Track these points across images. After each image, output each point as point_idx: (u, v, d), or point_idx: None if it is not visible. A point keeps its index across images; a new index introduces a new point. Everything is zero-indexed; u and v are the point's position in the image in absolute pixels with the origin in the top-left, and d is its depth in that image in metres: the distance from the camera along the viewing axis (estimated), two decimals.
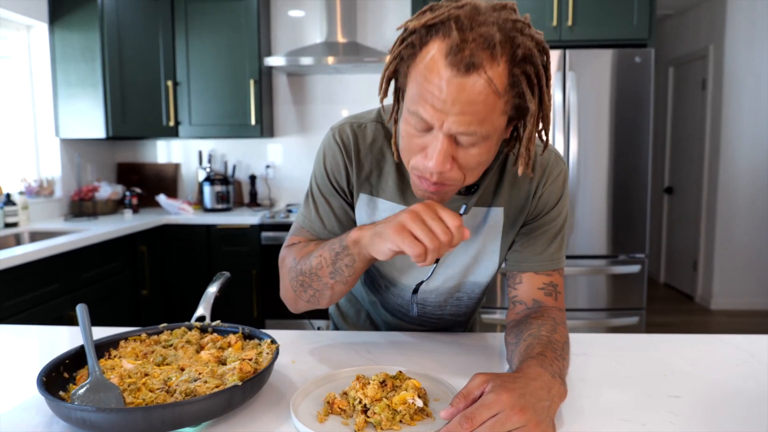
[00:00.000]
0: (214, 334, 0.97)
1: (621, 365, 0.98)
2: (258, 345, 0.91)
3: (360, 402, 0.76)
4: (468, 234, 0.79)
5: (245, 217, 3.45)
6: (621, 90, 3.14)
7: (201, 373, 0.80)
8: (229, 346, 0.92)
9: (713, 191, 4.64)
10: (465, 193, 0.97)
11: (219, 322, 1.00)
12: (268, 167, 4.06)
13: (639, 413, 0.79)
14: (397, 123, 0.89)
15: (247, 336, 0.96)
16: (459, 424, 0.66)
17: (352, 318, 1.27)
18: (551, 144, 0.96)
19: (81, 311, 0.90)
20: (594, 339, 1.12)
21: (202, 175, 3.88)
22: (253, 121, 3.65)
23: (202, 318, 1.02)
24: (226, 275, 1.12)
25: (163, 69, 3.62)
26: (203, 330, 0.99)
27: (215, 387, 0.76)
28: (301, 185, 4.05)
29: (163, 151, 4.14)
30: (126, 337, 0.95)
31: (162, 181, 4.09)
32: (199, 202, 3.85)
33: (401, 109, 0.85)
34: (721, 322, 4.35)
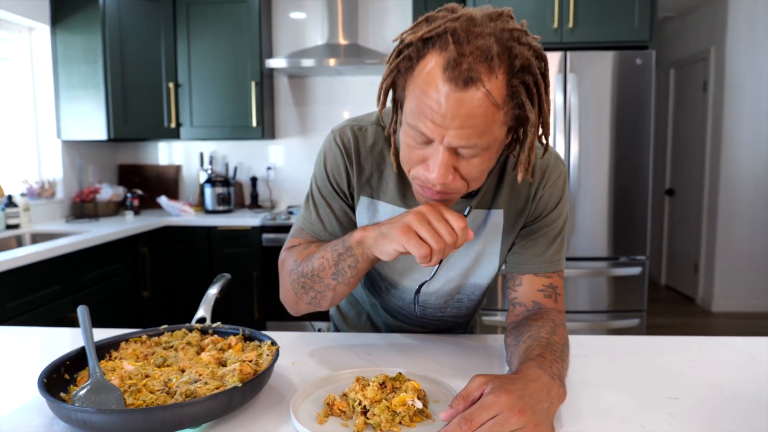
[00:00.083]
0: (214, 335, 0.97)
1: (620, 367, 0.98)
2: (258, 347, 0.92)
3: (360, 403, 0.76)
4: (472, 235, 0.79)
5: (246, 219, 3.45)
6: (622, 92, 3.14)
7: (201, 375, 0.81)
8: (230, 347, 0.93)
9: (714, 193, 4.64)
10: (466, 196, 0.97)
11: (219, 323, 1.00)
12: (269, 169, 4.07)
13: (638, 415, 0.79)
14: (396, 133, 0.90)
15: (248, 338, 0.96)
16: (458, 425, 0.66)
17: (352, 319, 1.27)
18: (551, 146, 0.96)
19: (82, 312, 0.90)
20: (594, 341, 1.12)
21: (203, 177, 3.89)
22: (255, 123, 3.66)
23: (202, 320, 1.03)
24: (226, 277, 1.13)
25: (165, 71, 3.63)
26: (204, 331, 0.99)
27: (215, 388, 0.76)
28: (302, 187, 4.06)
29: (165, 153, 4.15)
30: (127, 339, 0.95)
31: (163, 183, 4.10)
32: (201, 203, 3.86)
33: (400, 120, 0.85)
34: (722, 324, 4.35)
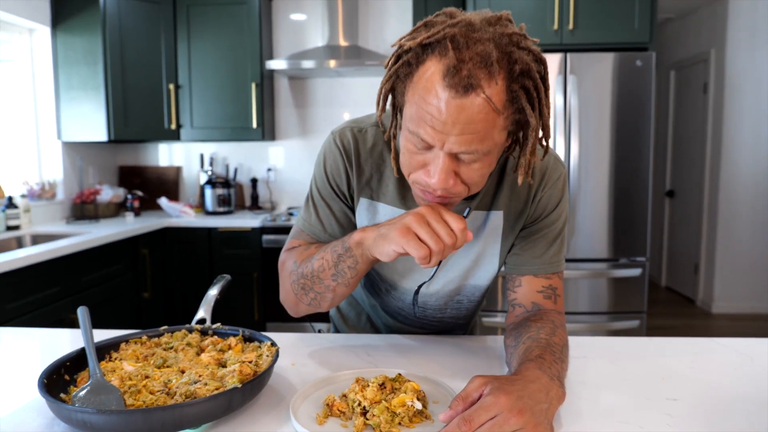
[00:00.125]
0: (214, 336, 0.97)
1: (620, 368, 0.98)
2: (258, 347, 0.92)
3: (359, 404, 0.77)
4: (471, 236, 0.80)
5: (246, 220, 3.45)
6: (622, 93, 3.14)
7: (201, 376, 0.81)
8: (230, 348, 0.93)
9: (714, 194, 4.64)
10: (466, 197, 0.97)
11: (219, 324, 1.00)
12: (269, 170, 4.07)
13: (637, 415, 0.79)
14: (396, 138, 0.90)
15: (248, 339, 0.96)
16: (457, 426, 0.66)
17: (352, 320, 1.28)
18: (551, 148, 0.96)
19: (82, 313, 0.90)
20: (593, 342, 1.12)
21: (203, 178, 3.89)
22: (255, 125, 3.66)
23: (202, 321, 1.03)
24: (226, 278, 1.13)
25: (165, 72, 3.64)
26: (204, 333, 0.99)
27: (215, 389, 0.76)
28: (303, 188, 4.06)
29: (165, 155, 4.15)
30: (127, 340, 0.95)
31: (163, 184, 4.10)
32: (201, 205, 3.86)
33: (399, 124, 0.85)
34: (723, 325, 4.35)
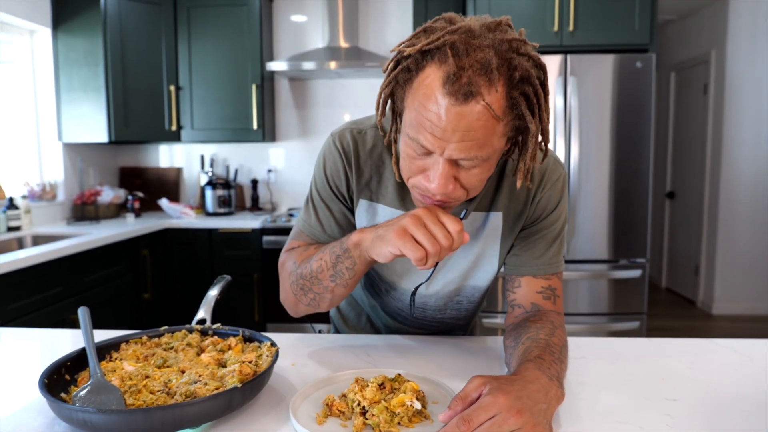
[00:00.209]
0: (214, 336, 0.98)
1: (619, 369, 0.98)
2: (258, 348, 0.92)
3: (359, 404, 0.77)
4: (468, 238, 0.80)
5: (247, 221, 3.46)
6: (622, 95, 3.14)
7: (201, 375, 0.81)
8: (230, 348, 0.93)
9: (715, 196, 4.64)
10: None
11: (219, 325, 1.01)
12: (269, 171, 4.07)
13: (636, 416, 0.79)
14: (396, 143, 0.90)
15: (248, 339, 0.97)
16: (456, 426, 0.66)
17: (352, 321, 1.28)
18: (551, 149, 0.96)
19: (83, 314, 0.91)
20: (593, 343, 1.13)
21: (204, 180, 3.89)
22: (255, 126, 3.67)
23: (202, 321, 1.03)
24: (226, 278, 1.13)
25: (166, 73, 3.64)
26: (204, 333, 0.99)
27: (215, 389, 0.77)
28: (303, 189, 4.06)
29: (166, 156, 4.16)
30: (127, 340, 0.96)
31: (164, 185, 4.11)
32: (201, 206, 3.86)
33: (399, 129, 0.85)
34: (723, 327, 4.34)
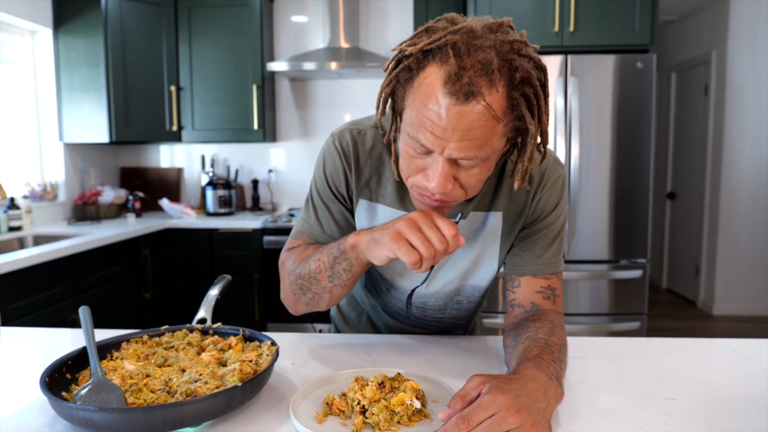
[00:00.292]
0: (214, 336, 0.98)
1: (619, 368, 0.98)
2: (258, 347, 0.92)
3: (358, 403, 0.77)
4: (463, 241, 0.80)
5: (247, 221, 3.46)
6: (623, 95, 3.14)
7: (201, 374, 0.81)
8: (230, 348, 0.93)
9: (716, 196, 4.64)
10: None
11: (220, 324, 1.01)
12: (270, 172, 4.07)
13: (636, 415, 0.80)
14: (396, 141, 0.90)
15: (248, 338, 0.97)
16: (456, 425, 0.66)
17: (353, 321, 1.28)
18: (550, 149, 0.96)
19: (84, 313, 0.91)
20: (593, 342, 1.13)
21: (204, 180, 3.90)
22: (256, 126, 3.67)
23: (203, 320, 1.03)
24: (227, 278, 1.13)
25: (167, 74, 3.65)
26: (204, 332, 1.00)
27: (215, 388, 0.77)
28: (303, 190, 4.07)
29: (166, 156, 4.16)
30: (128, 339, 0.96)
31: (165, 186, 4.11)
32: (202, 206, 3.87)
33: (399, 128, 0.85)
34: (724, 327, 4.34)
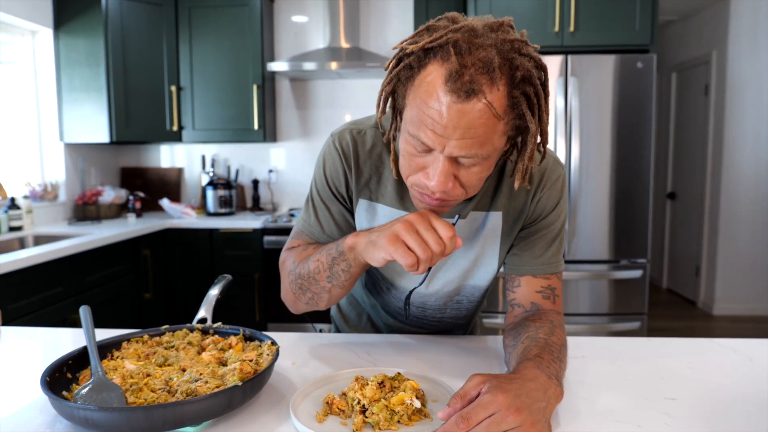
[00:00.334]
0: (215, 335, 0.98)
1: (619, 368, 0.98)
2: (258, 346, 0.92)
3: (358, 402, 0.77)
4: (461, 243, 0.80)
5: (248, 221, 3.46)
6: (623, 95, 3.14)
7: (202, 374, 0.81)
8: (230, 347, 0.93)
9: (716, 196, 4.64)
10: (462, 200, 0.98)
11: (220, 324, 1.01)
12: (270, 172, 4.08)
13: (635, 415, 0.80)
14: (395, 140, 0.90)
15: (248, 338, 0.97)
16: (455, 424, 0.66)
17: (353, 320, 1.28)
18: (550, 149, 0.96)
19: (84, 312, 0.91)
20: (593, 342, 1.13)
21: (205, 180, 3.90)
22: (256, 126, 3.67)
23: (203, 320, 1.04)
24: (227, 278, 1.13)
25: (167, 74, 3.65)
26: (205, 332, 1.00)
27: (216, 387, 0.77)
28: (304, 189, 4.07)
29: (167, 156, 4.17)
30: (128, 339, 0.96)
31: (165, 186, 4.11)
32: (202, 206, 3.87)
33: (399, 127, 0.86)
34: (724, 327, 4.34)
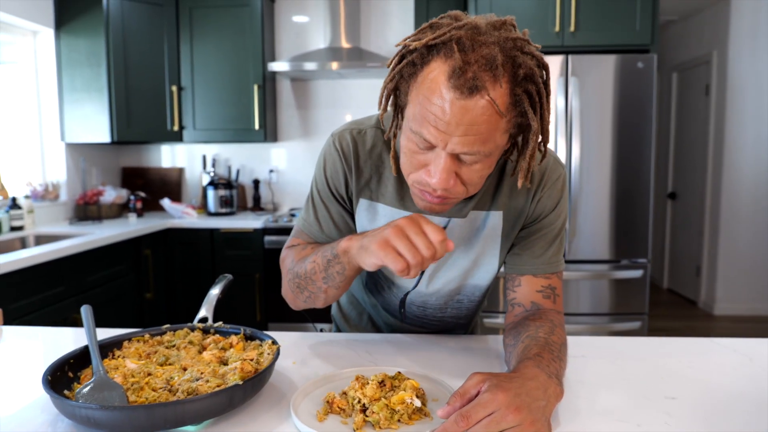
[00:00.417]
0: (216, 335, 0.98)
1: (619, 367, 0.99)
2: (259, 346, 0.93)
3: (359, 401, 0.77)
4: (452, 246, 0.80)
5: (249, 221, 3.47)
6: (624, 95, 3.14)
7: (203, 373, 0.82)
8: (231, 346, 0.94)
9: (716, 196, 4.63)
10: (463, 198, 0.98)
11: (221, 323, 1.01)
12: (271, 172, 4.08)
13: (635, 414, 0.80)
14: (397, 137, 0.91)
15: (249, 337, 0.97)
16: (455, 422, 0.67)
17: (354, 320, 1.29)
18: (551, 149, 0.97)
19: (86, 312, 0.91)
20: (593, 342, 1.13)
21: (206, 180, 3.90)
22: (257, 126, 3.68)
23: (204, 319, 1.04)
24: (228, 277, 1.14)
25: (168, 74, 3.65)
26: (205, 331, 1.00)
27: (217, 386, 0.77)
28: (304, 189, 4.07)
29: (168, 156, 4.17)
30: (129, 338, 0.96)
31: (166, 186, 4.12)
32: (203, 206, 3.87)
33: (400, 124, 0.86)
34: (724, 327, 4.34)
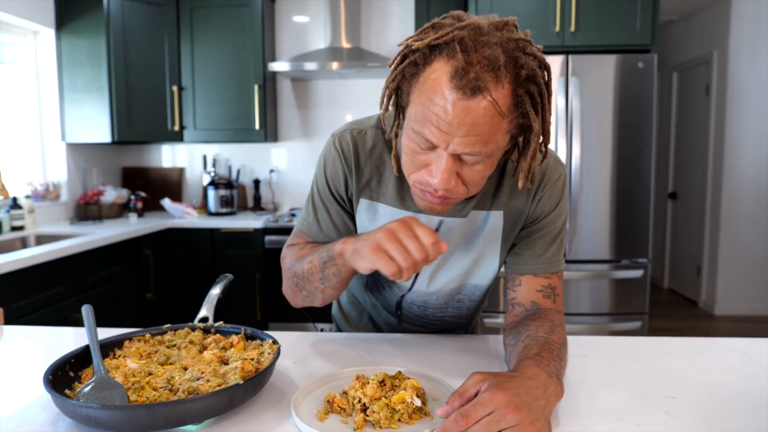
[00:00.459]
0: (216, 334, 0.98)
1: (619, 367, 0.99)
2: (260, 345, 0.93)
3: (359, 401, 0.78)
4: (445, 248, 0.80)
5: (249, 221, 3.47)
6: (624, 95, 3.14)
7: (203, 372, 0.82)
8: (232, 346, 0.94)
9: (717, 196, 4.63)
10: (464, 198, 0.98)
11: (222, 323, 1.02)
12: (272, 171, 4.08)
13: (635, 413, 0.80)
14: (398, 137, 0.91)
15: (250, 337, 0.97)
16: (454, 421, 0.67)
17: (354, 320, 1.29)
18: (551, 149, 0.97)
19: (86, 311, 0.91)
20: (593, 341, 1.13)
21: (206, 180, 3.91)
22: (257, 126, 3.68)
23: (205, 319, 1.04)
24: (228, 277, 1.14)
25: (168, 74, 3.66)
26: (206, 331, 1.00)
27: (217, 386, 0.77)
28: (305, 189, 4.07)
29: (168, 156, 4.17)
30: (130, 338, 0.97)
31: (167, 185, 4.12)
32: (204, 206, 3.87)
33: (401, 124, 0.86)
34: (725, 327, 4.34)
